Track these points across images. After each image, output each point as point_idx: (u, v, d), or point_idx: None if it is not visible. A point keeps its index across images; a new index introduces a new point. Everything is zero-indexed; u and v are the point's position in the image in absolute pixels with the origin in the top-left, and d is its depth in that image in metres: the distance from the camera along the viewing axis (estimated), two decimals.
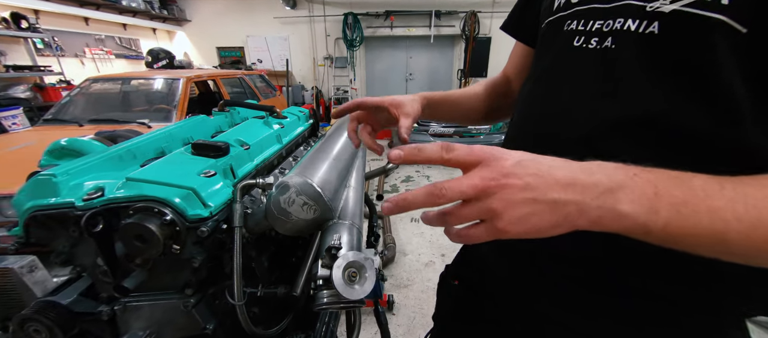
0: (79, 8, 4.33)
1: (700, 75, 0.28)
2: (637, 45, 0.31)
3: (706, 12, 0.26)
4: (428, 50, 6.97)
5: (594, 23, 0.35)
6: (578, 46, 0.36)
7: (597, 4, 0.35)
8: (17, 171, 1.83)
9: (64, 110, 2.88)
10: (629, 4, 0.32)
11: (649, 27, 0.30)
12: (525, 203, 0.25)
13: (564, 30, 0.38)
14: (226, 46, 6.87)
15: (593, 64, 0.35)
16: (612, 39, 0.33)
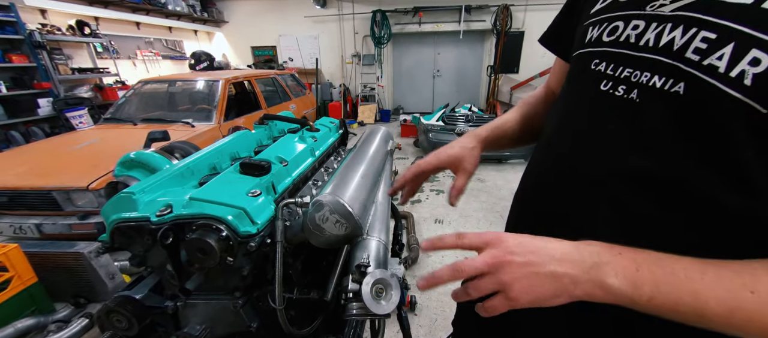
0: (132, 14, 4.75)
1: (716, 143, 0.29)
2: (661, 102, 0.31)
3: (728, 88, 0.27)
4: (457, 46, 6.82)
5: (622, 70, 0.35)
6: (605, 90, 0.36)
7: (626, 49, 0.35)
8: (85, 166, 2.09)
9: (120, 110, 3.20)
10: (658, 60, 0.32)
11: (675, 87, 0.30)
12: (528, 276, 0.30)
13: (591, 68, 0.38)
14: (260, 46, 7.19)
15: (617, 113, 0.35)
16: (637, 92, 0.33)
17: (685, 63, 0.29)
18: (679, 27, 0.30)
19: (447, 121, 4.42)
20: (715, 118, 0.28)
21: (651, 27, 0.33)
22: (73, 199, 1.99)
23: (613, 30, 0.36)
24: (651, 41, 0.32)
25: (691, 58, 0.29)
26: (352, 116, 6.99)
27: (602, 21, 0.38)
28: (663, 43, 0.31)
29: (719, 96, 0.27)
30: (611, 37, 0.36)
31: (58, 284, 1.82)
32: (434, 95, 7.46)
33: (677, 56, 0.30)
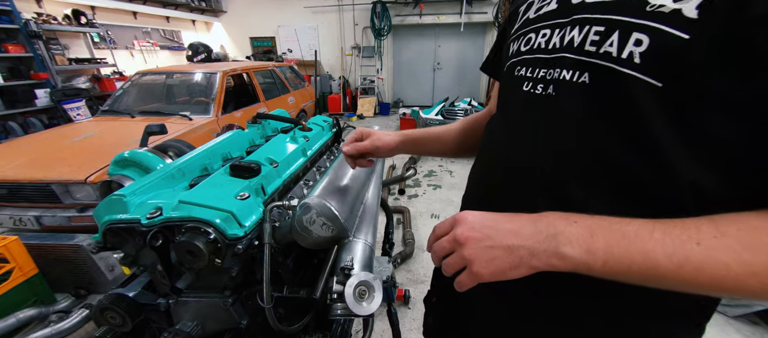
0: (128, 3, 4.69)
1: (628, 120, 0.32)
2: (573, 92, 0.35)
3: (623, 68, 0.31)
4: (458, 38, 6.75)
5: (538, 71, 0.40)
6: (527, 90, 0.41)
7: (540, 54, 0.40)
8: (83, 159, 2.10)
9: (117, 102, 3.19)
10: (565, 57, 0.36)
11: (582, 77, 0.35)
12: (486, 250, 0.33)
13: (515, 75, 0.43)
14: (259, 36, 7.12)
15: (540, 108, 0.39)
16: (553, 87, 0.38)
17: (585, 55, 0.34)
18: (576, 27, 0.36)
19: (446, 115, 4.41)
20: (620, 97, 0.32)
21: (555, 32, 0.38)
22: (71, 192, 2.01)
23: (528, 41, 0.42)
24: (557, 43, 0.38)
25: (589, 50, 0.34)
26: (351, 109, 6.97)
27: (519, 36, 0.44)
28: (566, 43, 0.36)
29: (618, 76, 0.31)
30: (527, 47, 0.42)
31: (58, 275, 1.86)
32: (434, 88, 7.41)
33: (579, 51, 0.35)
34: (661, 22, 0.29)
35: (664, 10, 0.29)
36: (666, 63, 0.29)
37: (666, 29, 0.29)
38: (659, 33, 0.29)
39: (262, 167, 0.69)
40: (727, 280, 0.26)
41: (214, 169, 0.77)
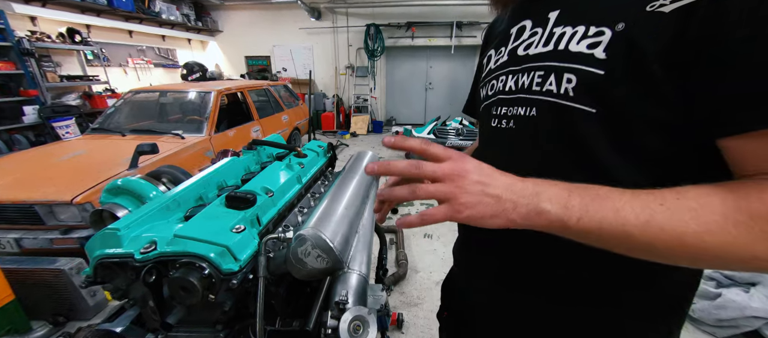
0: (124, 22, 4.73)
1: (572, 140, 0.39)
2: (526, 124, 0.44)
3: (562, 101, 0.39)
4: (449, 60, 6.98)
5: (501, 109, 0.48)
6: (495, 126, 0.49)
7: (502, 95, 0.48)
8: (69, 179, 2.06)
9: (108, 120, 3.16)
10: (519, 97, 0.45)
11: (531, 111, 0.43)
12: (476, 193, 0.34)
13: (490, 113, 0.51)
14: (254, 55, 7.22)
15: (505, 139, 0.48)
16: (513, 121, 0.46)
17: (533, 94, 0.42)
18: (525, 74, 0.44)
19: (438, 134, 4.49)
20: (564, 123, 0.39)
21: (510, 78, 0.47)
22: (55, 213, 1.96)
23: (492, 87, 0.51)
24: (513, 87, 0.46)
25: (535, 90, 0.42)
26: (344, 126, 7.03)
27: (486, 83, 0.53)
28: (519, 86, 0.45)
29: (560, 107, 0.39)
30: (492, 91, 0.51)
31: (36, 301, 1.78)
32: (426, 107, 7.57)
33: (528, 91, 0.43)
34: (582, 64, 0.37)
35: (583, 54, 0.37)
36: (593, 94, 0.37)
37: (586, 68, 0.37)
38: (582, 72, 0.37)
39: (257, 197, 0.70)
40: (687, 237, 0.30)
41: (210, 199, 0.78)
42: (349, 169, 1.00)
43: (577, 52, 0.37)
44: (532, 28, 0.45)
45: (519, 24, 0.48)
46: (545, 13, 0.43)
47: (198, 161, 2.82)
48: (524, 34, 0.46)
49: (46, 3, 3.69)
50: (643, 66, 0.33)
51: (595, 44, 0.36)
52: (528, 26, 0.46)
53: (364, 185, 0.94)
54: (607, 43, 0.35)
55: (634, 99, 0.34)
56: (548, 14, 0.43)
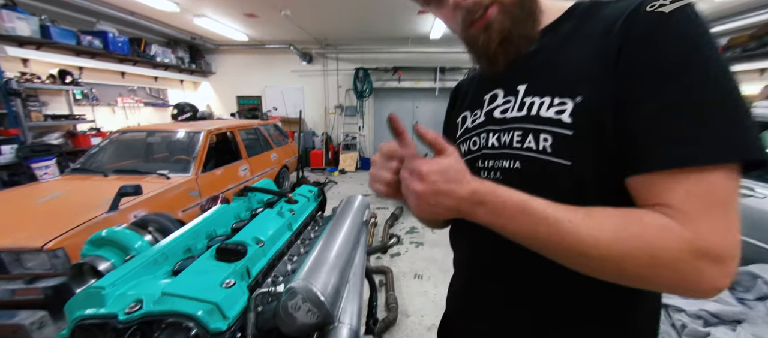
0: (118, 64, 4.83)
1: (552, 190, 0.43)
2: (508, 175, 0.49)
3: (541, 156, 0.45)
4: (433, 100, 7.36)
5: (488, 162, 0.53)
6: (484, 178, 0.52)
7: (487, 150, 0.53)
8: (42, 224, 1.96)
9: (91, 159, 3.09)
10: (503, 152, 0.50)
11: (515, 165, 0.49)
12: (434, 197, 0.42)
13: (476, 166, 0.55)
14: (246, 95, 7.40)
15: None
16: (500, 173, 0.51)
17: (515, 150, 0.48)
18: (506, 133, 0.50)
19: None
20: (545, 175, 0.45)
21: (491, 136, 0.53)
22: (22, 261, 1.83)
23: (475, 143, 0.56)
24: (495, 143, 0.52)
25: (517, 146, 0.48)
26: (333, 164, 7.09)
27: (465, 140, 0.58)
28: (502, 142, 0.51)
29: (541, 162, 0.45)
30: (476, 146, 0.56)
31: None
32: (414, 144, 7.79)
33: (510, 147, 0.49)
34: (554, 126, 0.44)
35: (553, 119, 0.44)
36: (566, 149, 0.43)
37: (558, 130, 0.44)
38: (555, 133, 0.44)
39: (248, 248, 0.70)
40: (582, 247, 0.37)
41: (199, 250, 0.77)
42: (339, 215, 1.02)
43: (548, 117, 0.45)
44: (505, 97, 0.52)
45: (491, 92, 0.55)
46: (514, 85, 0.51)
47: (182, 202, 2.76)
48: (497, 100, 0.53)
49: (40, 46, 3.75)
50: (601, 126, 0.40)
51: (561, 111, 0.44)
52: (500, 94, 0.53)
53: (355, 231, 0.95)
54: (570, 110, 0.43)
55: (599, 151, 0.41)
56: (517, 87, 0.50)
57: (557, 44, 0.48)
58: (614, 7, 0.44)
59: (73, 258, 1.88)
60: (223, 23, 5.17)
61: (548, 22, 0.51)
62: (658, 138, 0.36)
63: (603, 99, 0.40)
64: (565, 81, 0.45)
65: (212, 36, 6.00)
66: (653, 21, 0.38)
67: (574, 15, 0.49)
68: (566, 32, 0.48)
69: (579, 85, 0.43)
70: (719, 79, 0.35)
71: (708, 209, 0.34)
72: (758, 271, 1.85)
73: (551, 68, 0.47)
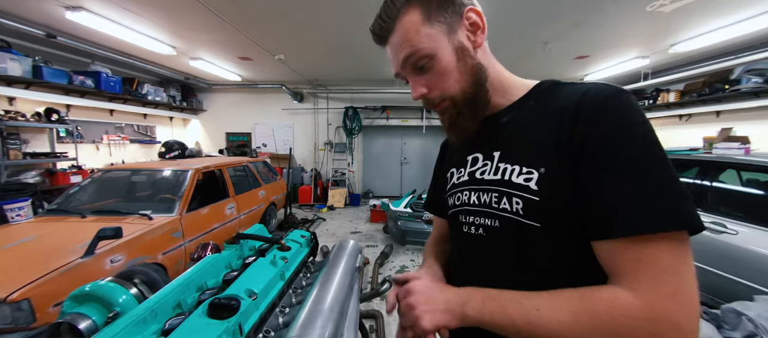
0: (108, 103, 4.83)
1: (525, 245, 0.50)
2: (490, 233, 0.55)
3: (514, 216, 0.50)
4: (421, 138, 7.60)
5: (470, 218, 0.59)
6: (466, 231, 0.60)
7: (469, 207, 0.59)
8: (9, 273, 1.82)
9: (69, 200, 2.97)
10: (482, 210, 0.56)
11: (494, 223, 0.54)
12: (428, 312, 0.51)
13: (459, 220, 0.62)
14: (235, 132, 7.44)
15: (475, 243, 0.58)
16: (482, 229, 0.56)
17: (493, 209, 0.54)
18: (485, 193, 0.56)
19: (414, 208, 4.60)
20: (520, 232, 0.50)
21: (472, 194, 0.58)
22: None
23: (458, 198, 0.62)
24: (476, 201, 0.57)
25: (494, 207, 0.53)
26: (322, 199, 7.02)
27: (452, 194, 0.64)
28: (481, 202, 0.56)
29: (513, 221, 0.51)
30: (460, 202, 0.61)
31: None
32: (402, 180, 7.89)
33: (488, 207, 0.55)
34: (523, 192, 0.49)
35: (522, 185, 0.50)
36: (535, 213, 0.48)
37: (526, 195, 0.49)
38: (524, 197, 0.49)
39: (241, 302, 0.69)
40: (550, 332, 0.41)
41: (189, 304, 0.75)
42: (332, 262, 1.02)
43: (518, 183, 0.50)
44: (483, 161, 0.58)
45: (472, 155, 0.61)
46: (490, 151, 0.57)
47: (164, 244, 2.64)
48: (478, 163, 0.59)
49: (29, 85, 3.75)
50: (563, 195, 0.46)
51: (529, 179, 0.49)
52: (480, 158, 0.59)
53: (348, 278, 0.95)
54: (536, 179, 0.48)
55: (564, 216, 0.46)
56: (493, 153, 0.57)
57: (524, 119, 0.55)
58: (569, 89, 0.51)
59: (38, 310, 1.74)
60: (217, 65, 5.34)
61: (516, 97, 0.58)
62: (610, 209, 0.41)
63: (561, 171, 0.46)
64: (530, 153, 0.50)
65: (206, 76, 6.16)
66: (598, 108, 0.45)
67: (539, 92, 0.56)
68: (530, 108, 0.55)
69: (542, 158, 0.49)
70: (656, 158, 0.41)
71: (657, 275, 0.37)
72: (741, 308, 1.89)
73: (520, 140, 0.53)
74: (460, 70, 0.53)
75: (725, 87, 4.33)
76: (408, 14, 0.52)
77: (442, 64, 0.53)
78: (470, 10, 0.53)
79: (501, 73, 0.58)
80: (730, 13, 3.22)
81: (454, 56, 0.53)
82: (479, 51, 0.54)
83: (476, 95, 0.55)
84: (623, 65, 5.04)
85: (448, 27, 0.52)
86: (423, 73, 0.55)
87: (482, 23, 0.53)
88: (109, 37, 3.72)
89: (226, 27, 3.61)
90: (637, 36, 3.91)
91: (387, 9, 0.55)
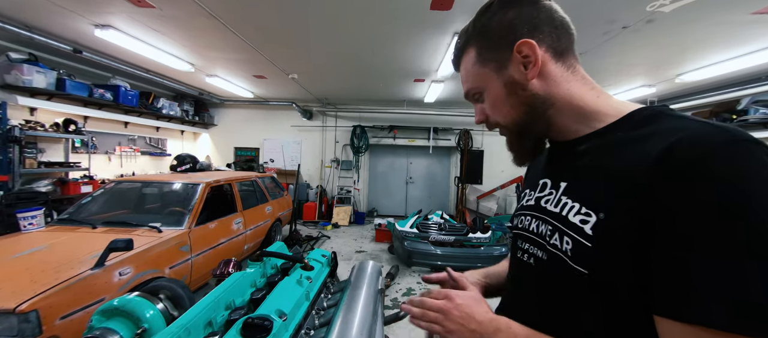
0: (124, 115, 4.96)
1: (568, 292, 0.48)
2: (539, 264, 0.53)
3: (562, 256, 0.47)
4: (427, 158, 7.64)
5: (524, 244, 0.58)
6: (519, 257, 0.59)
7: (526, 233, 0.58)
8: (20, 281, 1.82)
9: (80, 210, 2.99)
10: (537, 240, 0.54)
11: (543, 255, 0.52)
12: (460, 327, 0.51)
13: (516, 243, 0.61)
14: (244, 147, 7.55)
15: (524, 271, 0.58)
16: (533, 259, 0.55)
17: (545, 241, 0.52)
18: (542, 223, 0.54)
19: (421, 228, 4.56)
20: (566, 277, 0.47)
21: (533, 221, 0.57)
22: None
23: (521, 221, 0.61)
24: (534, 229, 0.56)
25: (546, 239, 0.51)
26: (326, 217, 6.99)
27: (517, 215, 0.64)
28: (537, 231, 0.55)
29: (559, 260, 0.48)
30: (521, 226, 0.61)
31: None
32: (407, 199, 7.86)
33: (542, 238, 0.53)
34: (576, 234, 0.46)
35: (577, 226, 0.46)
36: (584, 259, 0.45)
37: (579, 238, 0.45)
38: (576, 240, 0.46)
39: (273, 323, 0.69)
40: None
41: (219, 323, 0.74)
42: (354, 284, 1.01)
43: (573, 223, 0.47)
44: (550, 189, 0.55)
45: (543, 179, 0.59)
46: (558, 181, 0.54)
47: (172, 258, 2.63)
48: (545, 190, 0.57)
49: (51, 97, 3.87)
50: (620, 248, 0.41)
51: (585, 221, 0.45)
52: (548, 185, 0.56)
53: (372, 302, 0.94)
54: (593, 223, 0.44)
55: (616, 270, 0.42)
56: (560, 182, 0.53)
57: (601, 152, 0.49)
58: (672, 124, 0.43)
59: (45, 322, 1.71)
60: (232, 82, 5.50)
61: (602, 124, 0.51)
62: (678, 288, 0.36)
63: (625, 225, 0.41)
64: (594, 193, 0.46)
65: (219, 92, 6.33)
66: (698, 160, 0.36)
67: (632, 122, 0.48)
68: (612, 142, 0.48)
69: (605, 202, 0.44)
70: (755, 247, 0.33)
71: None
72: None
73: (588, 175, 0.49)
74: (510, 103, 0.54)
75: (733, 116, 4.36)
76: (467, 53, 0.58)
77: (491, 98, 0.56)
78: (522, 45, 0.51)
79: (581, 98, 0.52)
80: (736, 46, 3.30)
81: (504, 90, 0.54)
82: (538, 81, 0.52)
83: (529, 125, 0.55)
84: (629, 93, 5.12)
85: (498, 64, 0.54)
86: (480, 102, 0.59)
87: (534, 56, 0.51)
88: (133, 53, 3.88)
89: (244, 47, 3.76)
90: (642, 65, 4.00)
91: (457, 45, 0.60)
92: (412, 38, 3.44)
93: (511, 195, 6.92)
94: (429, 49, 3.72)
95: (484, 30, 0.55)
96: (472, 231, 4.48)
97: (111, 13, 3.02)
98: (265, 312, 0.73)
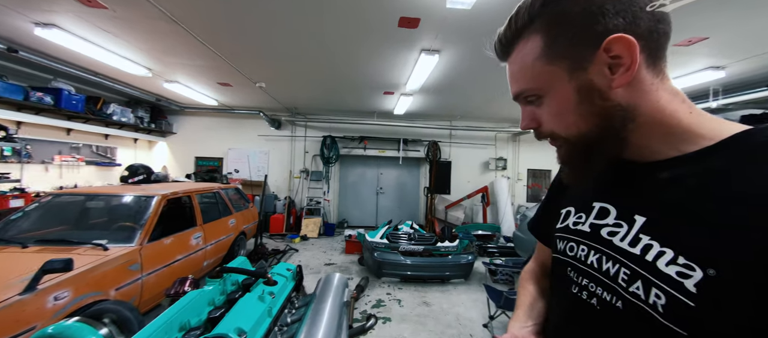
0: (66, 121, 4.49)
1: None
2: (606, 309, 0.43)
3: (651, 311, 0.38)
4: (397, 168, 7.77)
5: (583, 280, 0.47)
6: (575, 293, 0.49)
7: (583, 266, 0.48)
8: None
9: (8, 227, 2.64)
10: (603, 280, 0.44)
11: (617, 302, 0.42)
12: None
13: (566, 274, 0.51)
14: (206, 157, 7.15)
15: (583, 312, 0.47)
16: (596, 300, 0.45)
17: (619, 286, 0.42)
18: (610, 260, 0.43)
19: (391, 239, 4.60)
20: (646, 331, 0.38)
21: (592, 253, 0.46)
22: None
23: (571, 248, 0.50)
24: (595, 263, 0.46)
25: (621, 284, 0.41)
26: (295, 229, 6.78)
27: (563, 238, 0.53)
28: (603, 269, 0.44)
29: (644, 314, 0.38)
30: (572, 253, 0.50)
31: None
32: (378, 210, 7.89)
33: (613, 280, 0.42)
34: (672, 288, 0.36)
35: (673, 279, 0.36)
36: (684, 319, 0.35)
37: (677, 295, 0.36)
38: (672, 295, 0.36)
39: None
40: None
41: None
42: (319, 298, 1.01)
43: (667, 275, 0.37)
44: (616, 218, 0.44)
45: (601, 204, 0.48)
46: (631, 212, 0.43)
47: (118, 278, 2.40)
48: (608, 218, 0.46)
49: None
50: (735, 311, 0.33)
51: (685, 275, 0.35)
52: (612, 213, 0.45)
53: (337, 315, 0.95)
54: (698, 280, 0.34)
55: (725, 326, 0.34)
56: (634, 215, 0.42)
57: (698, 183, 0.38)
58: None
59: None
60: (194, 89, 5.24)
61: (695, 148, 0.40)
62: None
63: (744, 283, 0.32)
64: (697, 240, 0.36)
65: (179, 99, 5.98)
66: None
67: (741, 147, 0.37)
68: (713, 170, 0.38)
69: (716, 255, 0.34)
70: None
71: None
72: None
73: (683, 213, 0.38)
74: (581, 112, 0.42)
75: None
76: (526, 42, 0.44)
77: (554, 105, 0.44)
78: (614, 41, 0.38)
79: (673, 114, 0.41)
80: None
81: (575, 97, 0.42)
82: (623, 90, 0.40)
83: (598, 141, 0.43)
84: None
85: (573, 63, 0.41)
86: (534, 105, 0.47)
87: (630, 58, 0.38)
88: (80, 55, 3.57)
89: (208, 53, 3.63)
90: None
91: (510, 28, 0.45)
92: (381, 52, 3.54)
93: (477, 205, 7.22)
94: (398, 63, 3.85)
95: (561, 14, 0.41)
96: (440, 240, 4.60)
97: (55, 11, 2.78)
98: (222, 331, 0.72)
